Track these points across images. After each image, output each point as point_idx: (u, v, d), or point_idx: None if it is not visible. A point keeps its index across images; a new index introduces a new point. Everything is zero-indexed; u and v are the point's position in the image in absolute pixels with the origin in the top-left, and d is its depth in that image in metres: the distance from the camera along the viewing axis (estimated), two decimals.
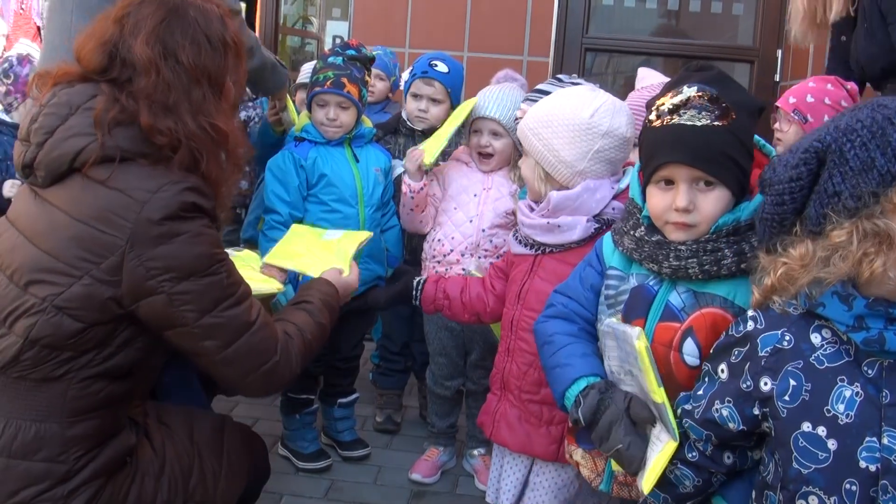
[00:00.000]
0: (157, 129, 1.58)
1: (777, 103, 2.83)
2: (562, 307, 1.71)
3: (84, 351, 1.57)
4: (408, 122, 3.15)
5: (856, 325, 1.23)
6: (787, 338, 1.31)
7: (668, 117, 1.49)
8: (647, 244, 1.55)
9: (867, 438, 1.23)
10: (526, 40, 4.53)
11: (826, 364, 1.27)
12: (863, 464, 1.23)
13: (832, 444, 1.25)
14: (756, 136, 1.56)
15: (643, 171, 1.59)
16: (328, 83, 2.75)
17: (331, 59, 2.80)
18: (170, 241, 1.56)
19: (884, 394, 1.23)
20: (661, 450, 1.42)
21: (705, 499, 1.49)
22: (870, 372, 1.25)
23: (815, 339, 1.29)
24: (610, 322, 1.55)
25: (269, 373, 1.69)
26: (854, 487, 1.24)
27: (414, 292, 2.21)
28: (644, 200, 1.60)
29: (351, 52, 2.81)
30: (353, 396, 3.10)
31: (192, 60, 1.63)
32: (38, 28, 4.88)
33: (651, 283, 1.57)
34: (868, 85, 2.82)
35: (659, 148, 1.51)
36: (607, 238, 1.70)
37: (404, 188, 2.74)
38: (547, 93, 2.21)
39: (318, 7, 6.64)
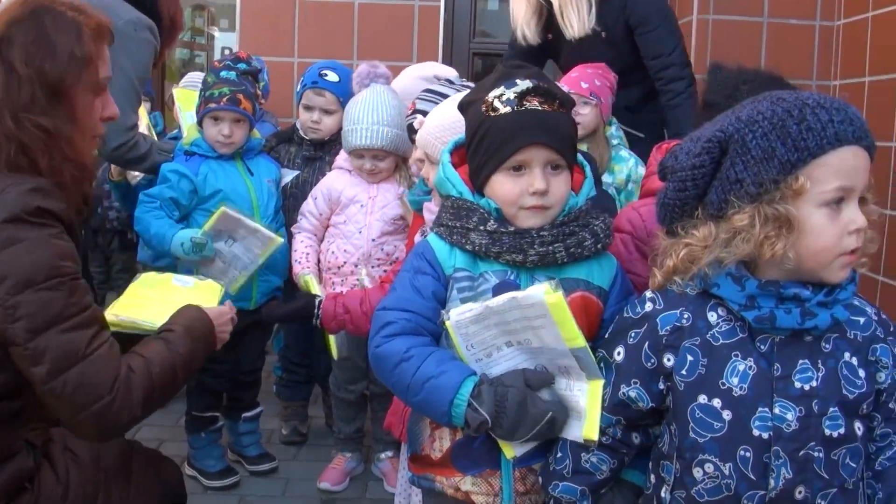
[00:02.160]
0: None
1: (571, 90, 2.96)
2: (405, 322, 1.54)
3: None
4: (300, 132, 3.13)
5: (748, 303, 1.31)
6: (686, 316, 1.38)
7: (518, 105, 1.51)
8: (506, 235, 1.53)
9: (760, 409, 1.31)
10: (414, 47, 4.57)
11: (721, 340, 1.34)
12: (756, 432, 1.30)
13: (727, 415, 1.32)
14: None
15: (482, 162, 1.56)
16: (224, 100, 2.72)
17: (223, 74, 2.77)
18: (9, 247, 1.47)
19: (775, 367, 1.31)
20: (587, 395, 1.44)
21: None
22: (762, 347, 1.33)
23: (712, 317, 1.36)
24: (487, 303, 1.46)
25: (101, 414, 1.50)
26: (748, 454, 1.31)
27: (315, 311, 2.14)
28: (473, 195, 1.59)
29: (242, 65, 2.80)
30: (258, 410, 3.06)
31: (24, 61, 1.59)
32: None
33: (511, 277, 1.55)
34: None
35: (515, 133, 1.51)
36: (435, 242, 1.61)
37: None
38: (442, 94, 2.25)
39: (205, 18, 6.52)
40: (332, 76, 3.07)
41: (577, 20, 3.06)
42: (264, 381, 3.19)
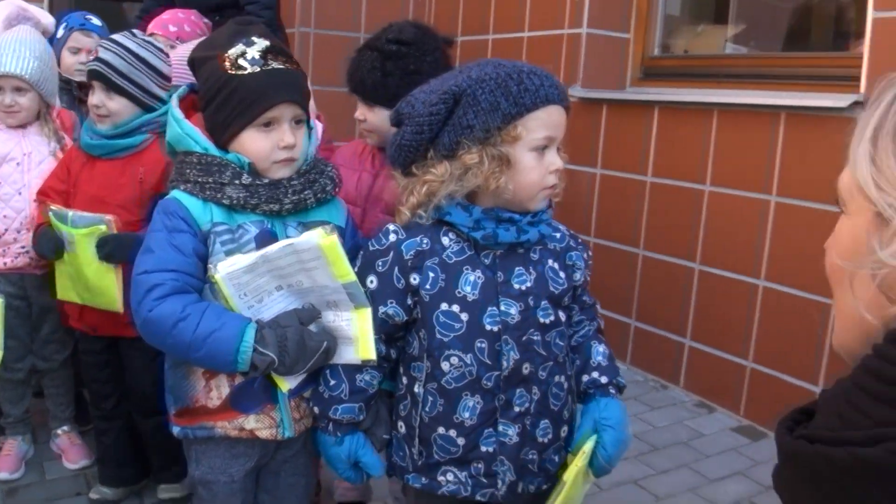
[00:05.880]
0: None
1: (155, 30, 3.13)
2: (173, 282, 1.60)
3: None
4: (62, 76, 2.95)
5: (474, 226, 1.61)
6: (425, 241, 1.64)
7: (263, 65, 1.66)
8: (262, 188, 1.67)
9: (489, 308, 1.63)
10: None
11: (454, 259, 1.64)
12: (487, 327, 1.62)
13: (464, 316, 1.62)
14: None
15: (229, 119, 1.66)
16: None
17: None
18: None
19: (498, 275, 1.64)
20: (356, 322, 1.64)
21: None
22: (486, 261, 1.65)
23: (445, 240, 1.65)
24: (263, 252, 1.56)
25: None
26: (483, 345, 1.63)
27: None
28: (219, 151, 1.69)
29: None
30: None
31: None
32: None
33: (268, 226, 1.69)
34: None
35: (264, 92, 1.64)
36: (187, 199, 1.67)
37: None
38: (122, 44, 2.36)
39: None
40: (95, 20, 3.16)
41: None
42: None
